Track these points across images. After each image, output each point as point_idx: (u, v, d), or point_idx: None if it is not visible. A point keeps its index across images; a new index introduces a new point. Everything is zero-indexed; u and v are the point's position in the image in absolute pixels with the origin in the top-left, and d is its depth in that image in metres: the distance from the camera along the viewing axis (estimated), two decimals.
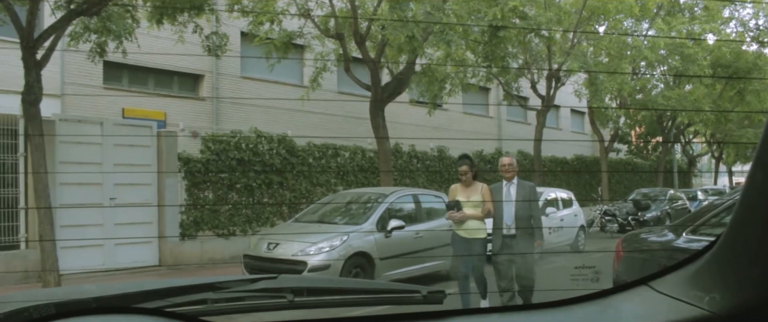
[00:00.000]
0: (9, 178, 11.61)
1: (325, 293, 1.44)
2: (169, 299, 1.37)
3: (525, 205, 7.22)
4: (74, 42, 11.58)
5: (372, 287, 1.52)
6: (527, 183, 7.54)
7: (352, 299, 1.46)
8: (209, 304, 1.39)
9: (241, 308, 1.43)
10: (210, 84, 18.91)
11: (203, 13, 12.05)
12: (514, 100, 22.97)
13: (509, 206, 7.27)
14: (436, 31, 13.27)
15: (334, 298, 1.43)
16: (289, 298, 1.38)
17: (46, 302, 1.35)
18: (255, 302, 1.40)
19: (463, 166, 7.44)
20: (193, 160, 13.39)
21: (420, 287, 1.54)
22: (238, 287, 1.42)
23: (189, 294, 1.39)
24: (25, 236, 11.23)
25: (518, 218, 7.26)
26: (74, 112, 14.83)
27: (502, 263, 7.27)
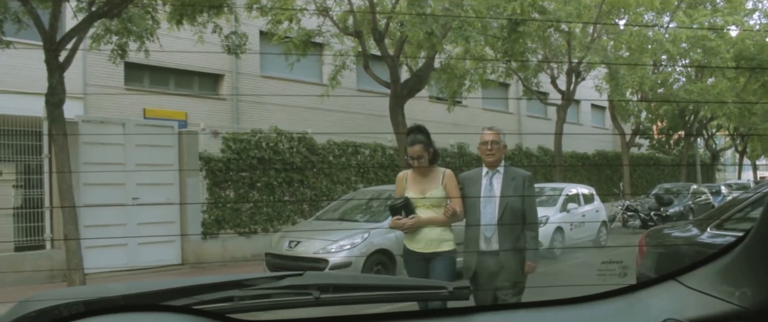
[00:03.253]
0: (34, 179, 11.76)
1: (351, 290, 1.45)
2: (196, 297, 1.38)
3: (515, 206, 4.86)
4: (96, 44, 11.69)
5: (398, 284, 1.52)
6: (520, 172, 5.09)
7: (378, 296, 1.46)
8: (236, 301, 1.40)
9: (268, 305, 1.43)
10: (230, 83, 19.01)
11: (222, 12, 12.10)
12: (534, 95, 22.86)
13: (490, 206, 4.88)
14: (454, 27, 13.23)
15: (360, 294, 1.43)
16: (315, 295, 1.38)
17: (75, 300, 1.37)
18: (281, 299, 1.40)
19: (415, 145, 4.92)
20: (214, 159, 13.47)
21: (446, 283, 1.54)
22: (265, 285, 1.42)
23: (216, 292, 1.40)
24: (51, 236, 11.36)
25: (504, 225, 4.84)
26: (96, 114, 14.98)
27: (478, 295, 4.93)
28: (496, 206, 4.88)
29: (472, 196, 4.98)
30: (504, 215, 4.86)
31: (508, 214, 4.86)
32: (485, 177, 5.03)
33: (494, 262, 4.82)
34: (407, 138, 5.00)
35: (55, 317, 1.36)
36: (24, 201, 11.78)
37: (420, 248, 4.89)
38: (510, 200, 4.85)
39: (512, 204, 4.86)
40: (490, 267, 4.84)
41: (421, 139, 4.94)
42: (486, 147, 5.01)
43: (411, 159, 4.94)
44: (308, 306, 1.43)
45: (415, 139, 4.94)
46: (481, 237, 4.89)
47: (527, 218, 4.93)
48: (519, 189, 4.92)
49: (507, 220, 4.86)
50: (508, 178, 4.99)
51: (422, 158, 4.91)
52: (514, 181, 4.95)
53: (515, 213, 4.87)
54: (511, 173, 5.04)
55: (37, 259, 10.98)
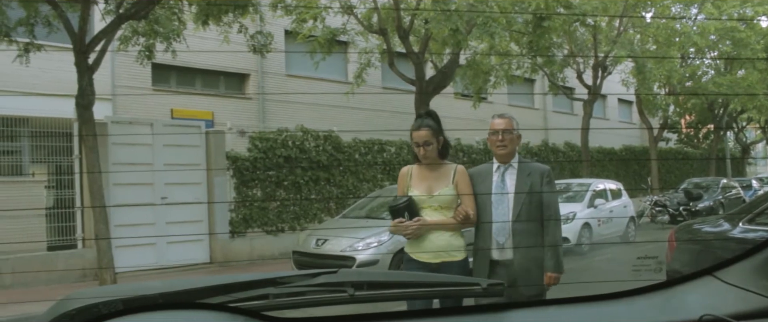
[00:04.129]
0: (65, 179, 11.93)
1: (385, 287, 1.45)
2: (232, 294, 1.40)
3: (532, 206, 4.19)
4: (124, 45, 11.83)
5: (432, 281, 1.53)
6: (537, 166, 4.37)
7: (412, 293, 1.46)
8: (271, 299, 1.41)
9: (303, 302, 1.45)
10: (256, 83, 19.12)
11: (247, 12, 12.17)
12: (560, 90, 22.70)
13: (503, 207, 4.21)
14: (479, 23, 13.19)
15: (394, 292, 1.44)
16: (349, 292, 1.39)
17: (113, 298, 1.39)
18: (316, 297, 1.42)
19: (422, 129, 4.16)
20: (241, 158, 13.56)
21: (479, 280, 1.54)
22: (299, 282, 1.44)
23: (251, 289, 1.41)
24: (82, 236, 11.52)
25: (519, 228, 4.16)
26: (125, 114, 15.15)
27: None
28: (510, 206, 4.18)
29: (481, 192, 4.28)
30: (519, 217, 4.16)
31: (525, 215, 4.15)
32: (497, 172, 4.30)
33: (509, 273, 4.10)
34: (415, 123, 4.24)
35: (94, 315, 1.38)
36: (56, 201, 11.96)
37: (426, 258, 4.10)
38: (526, 199, 4.17)
39: (529, 203, 4.17)
40: (505, 279, 3.98)
41: (429, 124, 4.16)
42: (497, 137, 4.26)
43: (416, 146, 4.16)
44: (343, 303, 1.44)
45: (423, 123, 4.16)
46: (492, 243, 4.19)
47: (547, 218, 4.22)
48: (536, 186, 4.20)
49: (523, 222, 4.16)
50: (523, 173, 4.26)
51: (430, 146, 4.12)
52: (530, 177, 4.23)
53: (533, 214, 4.17)
54: (527, 168, 4.30)
55: (69, 258, 11.14)
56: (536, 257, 4.15)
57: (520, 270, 4.13)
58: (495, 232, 4.18)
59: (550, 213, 4.24)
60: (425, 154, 4.15)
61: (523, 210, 4.18)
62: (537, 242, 4.18)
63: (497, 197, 4.21)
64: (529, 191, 4.18)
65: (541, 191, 4.22)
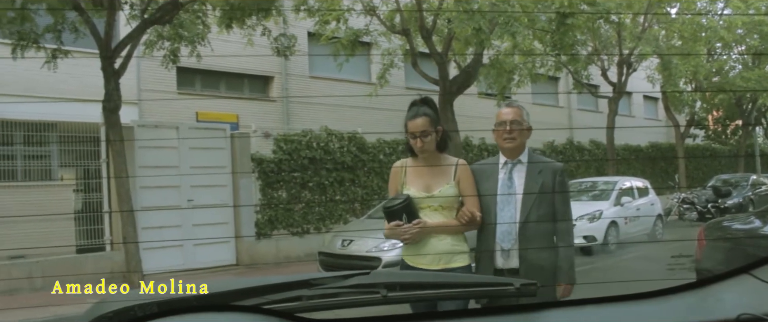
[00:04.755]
0: (93, 183, 12.09)
1: (418, 288, 1.45)
2: (266, 296, 1.41)
3: (543, 206, 3.66)
4: (149, 50, 11.96)
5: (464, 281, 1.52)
6: (550, 163, 3.90)
7: (445, 293, 1.46)
8: (304, 300, 1.42)
9: (336, 303, 1.45)
10: (280, 85, 19.20)
11: (271, 15, 12.23)
12: (585, 88, 22.53)
13: (509, 208, 3.70)
14: (501, 22, 13.13)
15: (427, 292, 1.44)
16: (382, 293, 1.39)
17: (149, 300, 1.40)
18: (349, 298, 1.42)
19: (418, 117, 3.66)
20: (266, 160, 13.64)
21: (512, 280, 1.53)
22: (333, 284, 1.44)
23: (284, 291, 1.42)
24: (110, 239, 11.66)
25: (527, 232, 3.64)
26: (151, 118, 15.29)
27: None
28: (517, 207, 3.68)
29: (486, 194, 3.75)
30: (528, 220, 3.64)
31: (534, 218, 3.65)
32: (503, 169, 3.78)
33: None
34: (409, 110, 3.73)
35: (130, 317, 1.39)
36: (84, 205, 12.12)
37: (425, 264, 3.58)
38: (536, 200, 3.67)
39: (539, 205, 3.67)
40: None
41: (426, 112, 3.67)
42: (504, 129, 3.73)
43: (412, 138, 3.66)
44: (376, 305, 1.44)
45: (419, 111, 3.67)
46: (496, 250, 3.70)
47: (558, 220, 3.72)
48: (548, 185, 3.69)
49: (532, 227, 3.64)
50: (533, 171, 3.74)
51: (427, 137, 3.63)
52: (541, 175, 3.71)
53: (543, 217, 3.67)
54: (538, 165, 3.79)
55: (97, 260, 11.28)
56: (546, 266, 3.63)
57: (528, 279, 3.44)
58: (499, 236, 3.68)
59: (563, 217, 3.74)
60: (423, 147, 3.65)
61: (533, 212, 3.66)
62: (547, 247, 3.70)
63: (503, 196, 3.71)
64: (539, 191, 3.67)
65: (554, 191, 3.72)
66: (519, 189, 3.71)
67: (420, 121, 3.65)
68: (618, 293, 1.57)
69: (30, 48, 10.31)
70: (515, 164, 3.78)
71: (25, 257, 10.75)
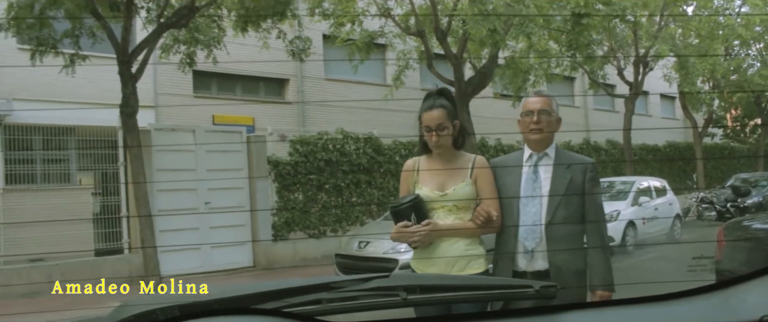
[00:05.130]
0: (111, 186, 12.19)
1: (437, 291, 1.45)
2: (286, 300, 1.41)
3: (571, 206, 3.34)
4: (165, 54, 12.03)
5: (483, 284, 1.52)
6: (580, 158, 3.57)
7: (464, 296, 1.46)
8: (324, 304, 1.43)
9: (356, 307, 1.45)
10: (295, 88, 19.26)
11: (286, 18, 12.27)
12: (601, 88, 22.41)
13: (534, 206, 3.36)
14: (516, 23, 13.10)
15: (446, 295, 1.44)
16: (402, 296, 1.40)
17: (170, 304, 1.41)
18: (369, 301, 1.42)
19: (434, 109, 3.37)
20: (282, 162, 13.68)
21: (532, 282, 1.53)
22: (352, 287, 1.45)
23: (304, 294, 1.43)
24: (128, 241, 11.75)
25: (554, 233, 3.30)
26: (167, 121, 15.38)
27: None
28: (544, 205, 3.34)
29: (507, 196, 3.40)
30: (555, 219, 3.30)
31: (562, 217, 3.30)
32: (527, 164, 3.47)
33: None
34: (424, 102, 3.47)
35: (151, 320, 1.41)
36: (102, 208, 12.22)
37: (437, 270, 3.25)
38: (564, 198, 3.34)
39: (567, 203, 3.33)
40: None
41: (443, 104, 3.39)
42: (531, 119, 3.41)
43: (427, 132, 3.38)
44: (396, 307, 1.44)
45: (435, 102, 3.39)
46: (519, 251, 3.35)
47: (590, 221, 3.37)
48: (577, 182, 3.36)
49: (559, 226, 3.30)
50: (561, 166, 3.43)
51: (444, 131, 3.34)
52: (570, 170, 3.39)
53: (572, 217, 3.32)
54: (566, 159, 3.47)
55: (116, 263, 11.37)
56: (577, 270, 3.31)
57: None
58: (522, 235, 3.34)
59: (595, 217, 3.39)
60: (438, 142, 3.36)
61: (560, 211, 3.32)
62: (576, 251, 3.34)
63: (527, 193, 3.41)
64: (568, 189, 3.35)
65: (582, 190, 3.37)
66: (545, 185, 3.39)
67: (436, 113, 3.36)
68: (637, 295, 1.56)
69: (48, 53, 10.41)
70: (541, 157, 3.46)
71: (44, 259, 10.85)
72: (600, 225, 3.43)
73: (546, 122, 3.43)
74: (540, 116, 3.42)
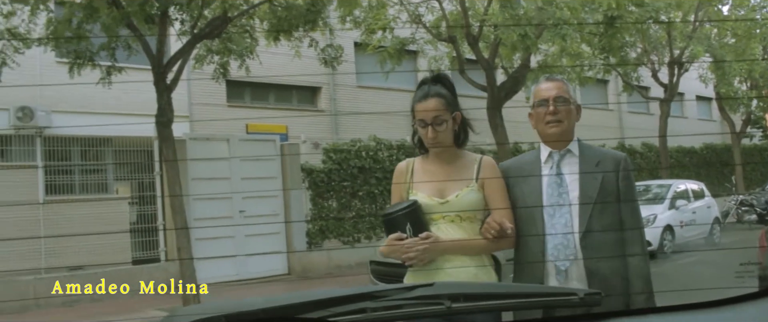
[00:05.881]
0: (147, 196, 12.36)
1: (481, 299, 1.45)
2: (331, 309, 1.42)
3: (606, 210, 2.77)
4: (199, 64, 12.17)
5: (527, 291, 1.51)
6: (610, 153, 2.98)
7: (508, 304, 1.45)
8: (368, 312, 1.43)
9: (399, 315, 1.45)
10: (327, 95, 19.36)
11: (317, 26, 12.33)
12: (635, 90, 22.15)
13: (562, 215, 2.78)
14: (549, 25, 13.01)
15: (491, 303, 1.43)
16: (446, 304, 1.40)
17: (217, 314, 1.43)
18: (413, 310, 1.42)
19: (430, 98, 2.81)
20: (315, 170, 13.75)
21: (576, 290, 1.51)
22: (396, 296, 1.45)
23: (349, 303, 1.43)
24: (165, 250, 11.90)
25: (591, 248, 2.73)
26: (202, 131, 15.55)
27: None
28: (574, 214, 2.75)
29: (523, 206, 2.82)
30: (590, 229, 2.72)
31: (598, 227, 2.72)
32: (547, 164, 2.87)
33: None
34: (417, 90, 2.92)
35: None
36: (139, 217, 12.40)
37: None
38: (598, 201, 2.76)
39: (602, 209, 2.75)
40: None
41: (440, 92, 2.81)
42: (546, 109, 2.83)
43: (422, 126, 2.80)
44: (440, 316, 1.44)
45: (429, 91, 2.81)
46: (548, 271, 2.76)
47: (628, 228, 2.78)
48: (610, 181, 2.78)
49: (597, 238, 2.71)
50: (588, 162, 2.82)
51: (442, 126, 2.77)
52: (599, 168, 2.80)
53: (609, 224, 2.74)
54: (594, 154, 2.87)
55: (152, 271, 11.51)
56: (621, 290, 2.72)
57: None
58: (551, 253, 2.73)
59: (633, 222, 2.82)
60: (435, 138, 2.79)
61: (596, 220, 2.73)
62: (617, 265, 2.72)
63: (553, 199, 2.81)
64: (601, 191, 2.77)
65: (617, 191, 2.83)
66: (572, 189, 2.79)
67: (432, 102, 2.78)
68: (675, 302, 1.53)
69: (86, 66, 10.59)
70: (564, 155, 2.87)
71: (83, 268, 11.03)
72: (639, 230, 2.86)
73: (565, 111, 2.85)
74: (557, 105, 2.84)
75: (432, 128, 2.78)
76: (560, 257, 2.74)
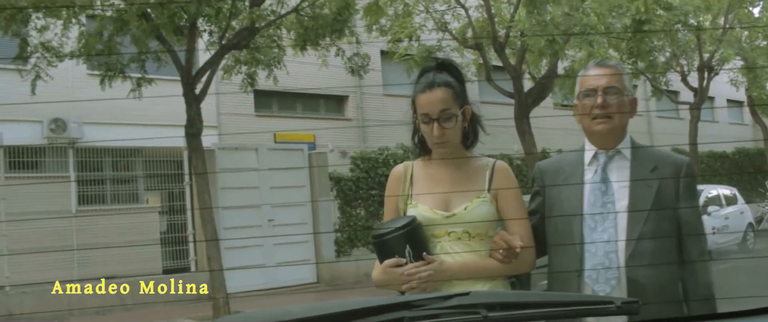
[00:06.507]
0: (177, 205, 12.49)
1: (518, 307, 1.44)
2: (368, 318, 1.42)
3: (662, 225, 2.25)
4: (227, 75, 12.28)
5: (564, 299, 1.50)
6: (669, 156, 2.43)
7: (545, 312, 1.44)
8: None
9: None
10: (354, 104, 19.42)
11: (344, 35, 12.38)
12: (664, 95, 21.91)
13: (606, 223, 2.28)
14: (577, 31, 12.94)
15: (528, 312, 1.42)
16: (483, 313, 1.39)
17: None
18: (449, 319, 1.42)
19: (436, 88, 2.34)
20: (343, 178, 13.79)
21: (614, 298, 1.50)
22: (433, 305, 1.44)
23: (386, 313, 1.43)
24: (195, 260, 12.01)
25: (638, 270, 2.20)
26: (230, 140, 15.68)
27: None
28: (621, 228, 2.28)
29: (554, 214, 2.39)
30: (638, 249, 2.23)
31: (648, 246, 2.23)
32: (592, 166, 2.41)
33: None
34: (417, 83, 2.47)
35: None
36: (169, 226, 12.53)
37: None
38: (653, 216, 2.27)
39: (658, 223, 2.26)
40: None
41: (446, 81, 2.36)
42: (592, 102, 2.36)
43: (424, 122, 2.37)
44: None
45: (435, 80, 2.37)
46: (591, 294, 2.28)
47: (688, 246, 2.29)
48: (668, 192, 2.30)
49: (648, 253, 2.22)
50: (642, 167, 2.35)
51: (449, 121, 2.31)
52: (656, 173, 2.33)
53: (662, 244, 2.26)
54: (649, 157, 2.40)
55: (183, 281, 11.61)
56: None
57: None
58: (590, 277, 2.28)
59: (695, 242, 2.33)
60: (442, 136, 2.32)
61: (646, 236, 2.25)
62: (670, 294, 2.23)
63: (594, 209, 2.34)
64: (656, 203, 2.29)
65: (676, 205, 2.33)
66: (619, 196, 2.33)
67: (439, 93, 2.33)
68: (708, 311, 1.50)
69: (117, 78, 10.75)
70: (612, 157, 2.40)
71: (116, 277, 11.17)
72: (701, 246, 2.37)
73: (616, 105, 2.37)
74: (607, 97, 2.36)
75: (438, 124, 2.31)
76: (600, 281, 2.27)
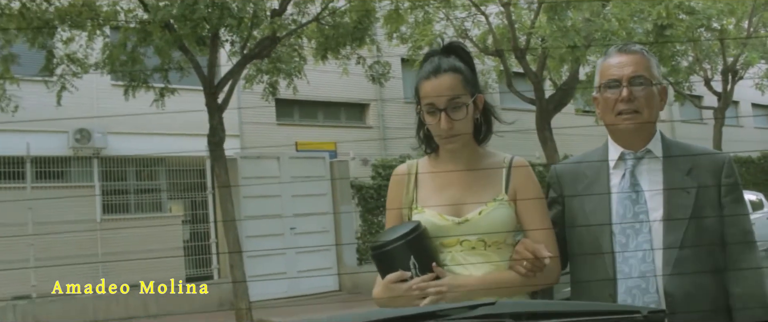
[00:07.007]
0: (200, 214, 12.58)
1: (545, 317, 1.44)
2: None
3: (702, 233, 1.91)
4: (249, 84, 12.37)
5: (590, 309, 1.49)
6: (708, 155, 2.07)
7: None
8: None
9: None
10: (375, 112, 19.44)
11: (364, 43, 12.41)
12: (687, 99, 21.70)
13: (640, 235, 1.94)
14: (598, 37, 12.87)
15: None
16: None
17: None
18: None
19: (442, 74, 1.99)
20: (365, 186, 13.80)
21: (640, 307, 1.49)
22: (458, 315, 1.44)
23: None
24: (218, 268, 12.07)
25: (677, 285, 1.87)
26: (252, 149, 15.75)
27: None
28: (656, 238, 1.97)
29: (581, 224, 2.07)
30: (683, 257, 1.92)
31: (691, 252, 1.92)
32: (618, 170, 2.09)
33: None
34: (421, 68, 2.10)
35: None
36: (192, 235, 12.62)
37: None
38: (692, 225, 1.95)
39: (697, 231, 1.95)
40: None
41: (455, 66, 2.04)
42: (616, 94, 2.04)
43: (430, 113, 2.04)
44: None
45: (441, 65, 2.04)
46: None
47: (734, 256, 1.97)
48: (709, 194, 1.99)
49: (690, 268, 1.92)
50: (677, 169, 2.02)
51: (460, 112, 2.01)
52: (693, 176, 2.00)
53: (707, 249, 1.96)
54: (684, 155, 2.07)
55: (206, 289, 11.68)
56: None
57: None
58: (624, 291, 1.97)
59: (743, 250, 1.99)
60: (451, 129, 2.01)
61: (688, 239, 1.94)
62: (718, 301, 1.94)
63: (624, 217, 2.02)
64: (696, 208, 1.97)
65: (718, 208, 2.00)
66: (653, 204, 1.99)
67: (446, 79, 2.01)
68: None
69: (140, 88, 10.86)
70: (641, 157, 2.08)
71: (139, 285, 11.27)
72: (753, 254, 2.01)
73: (644, 97, 2.02)
74: (633, 88, 2.02)
75: (445, 115, 1.99)
76: (636, 294, 1.95)
